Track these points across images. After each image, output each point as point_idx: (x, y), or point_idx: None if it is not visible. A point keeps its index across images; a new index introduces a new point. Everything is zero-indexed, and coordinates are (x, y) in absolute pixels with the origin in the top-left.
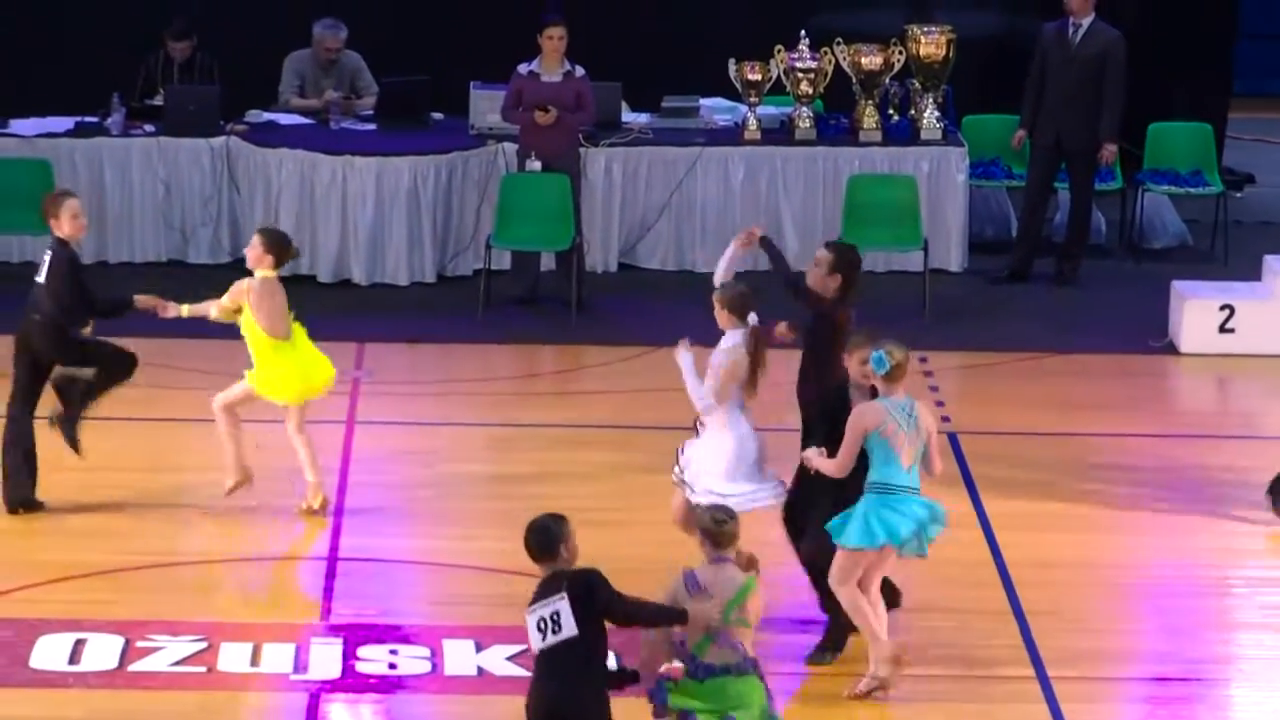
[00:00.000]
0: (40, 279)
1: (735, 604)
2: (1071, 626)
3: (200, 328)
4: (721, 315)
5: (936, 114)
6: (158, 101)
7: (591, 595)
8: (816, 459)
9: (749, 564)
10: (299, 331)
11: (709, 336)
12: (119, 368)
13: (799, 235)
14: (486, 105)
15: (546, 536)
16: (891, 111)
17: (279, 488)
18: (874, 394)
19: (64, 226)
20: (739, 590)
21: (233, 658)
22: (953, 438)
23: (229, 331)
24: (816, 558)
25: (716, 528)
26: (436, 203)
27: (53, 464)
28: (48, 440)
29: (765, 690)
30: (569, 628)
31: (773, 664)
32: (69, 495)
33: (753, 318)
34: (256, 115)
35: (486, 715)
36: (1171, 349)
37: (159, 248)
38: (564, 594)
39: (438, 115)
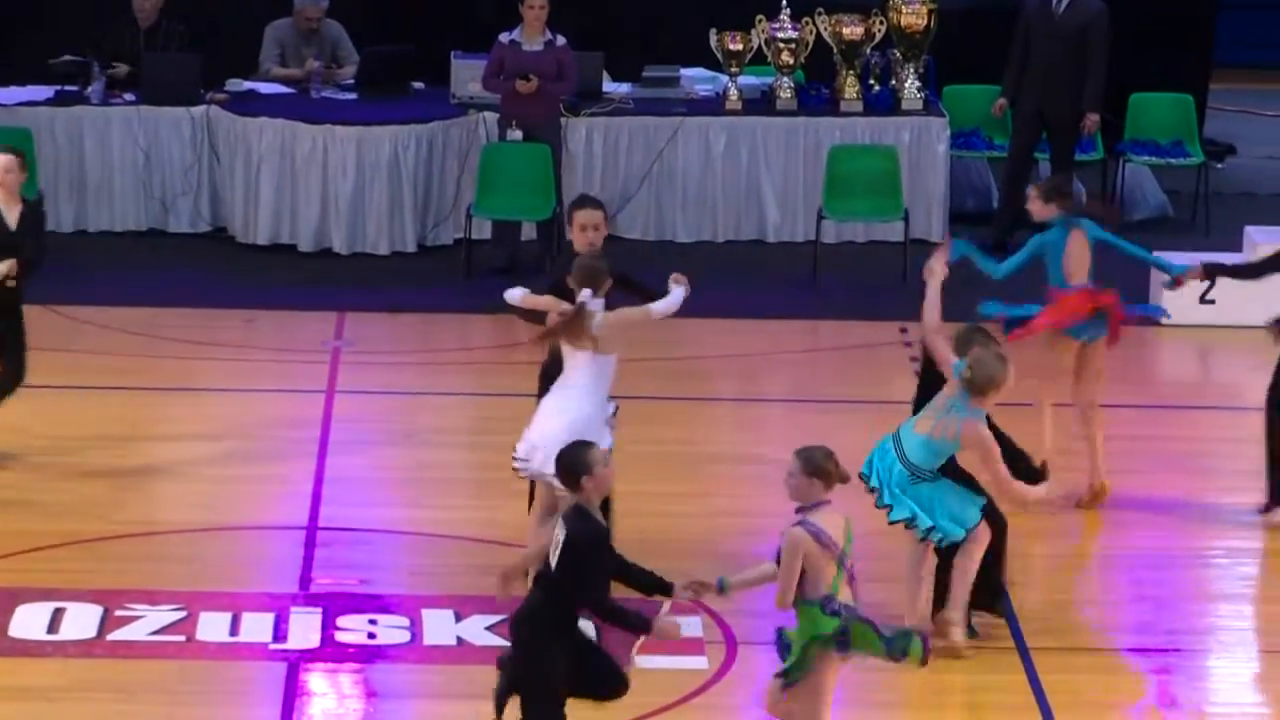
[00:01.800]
0: None
1: (849, 540)
2: (1051, 598)
3: (182, 297)
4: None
5: (918, 84)
6: (114, 70)
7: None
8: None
9: None
10: None
11: (690, 306)
12: (8, 377)
13: (779, 205)
14: (467, 74)
15: (569, 464)
16: (873, 81)
17: (259, 457)
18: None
19: None
20: (846, 527)
21: (212, 627)
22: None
23: (210, 300)
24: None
25: (837, 469)
26: (417, 172)
27: (32, 433)
28: (25, 409)
29: None
30: (552, 564)
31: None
32: (47, 464)
33: (585, 294)
34: (237, 84)
35: (465, 685)
36: (1152, 320)
37: (139, 217)
38: (564, 529)
39: (419, 84)
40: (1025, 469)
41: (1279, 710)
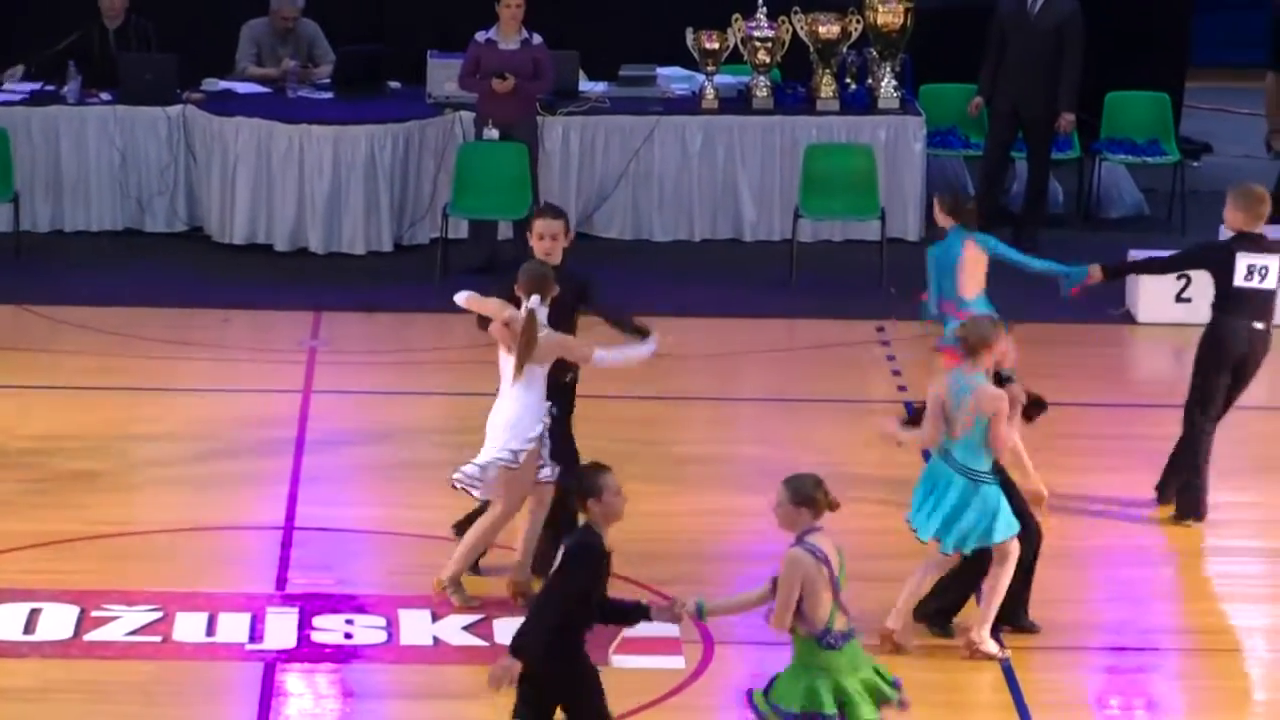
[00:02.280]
0: None
1: (842, 569)
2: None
3: (159, 297)
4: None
5: (894, 83)
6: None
7: (561, 565)
8: None
9: None
10: None
11: (667, 304)
12: None
13: (756, 204)
14: (444, 74)
15: (579, 485)
16: (849, 80)
17: (235, 457)
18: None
19: None
20: (839, 555)
21: (188, 627)
22: (909, 407)
23: (186, 300)
24: None
25: (826, 497)
26: (394, 171)
27: (8, 433)
28: (1, 409)
29: None
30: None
31: None
32: (24, 463)
33: (534, 300)
34: (213, 84)
35: (442, 685)
36: (1128, 318)
37: (115, 216)
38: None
39: (395, 84)
40: None
41: (1251, 706)
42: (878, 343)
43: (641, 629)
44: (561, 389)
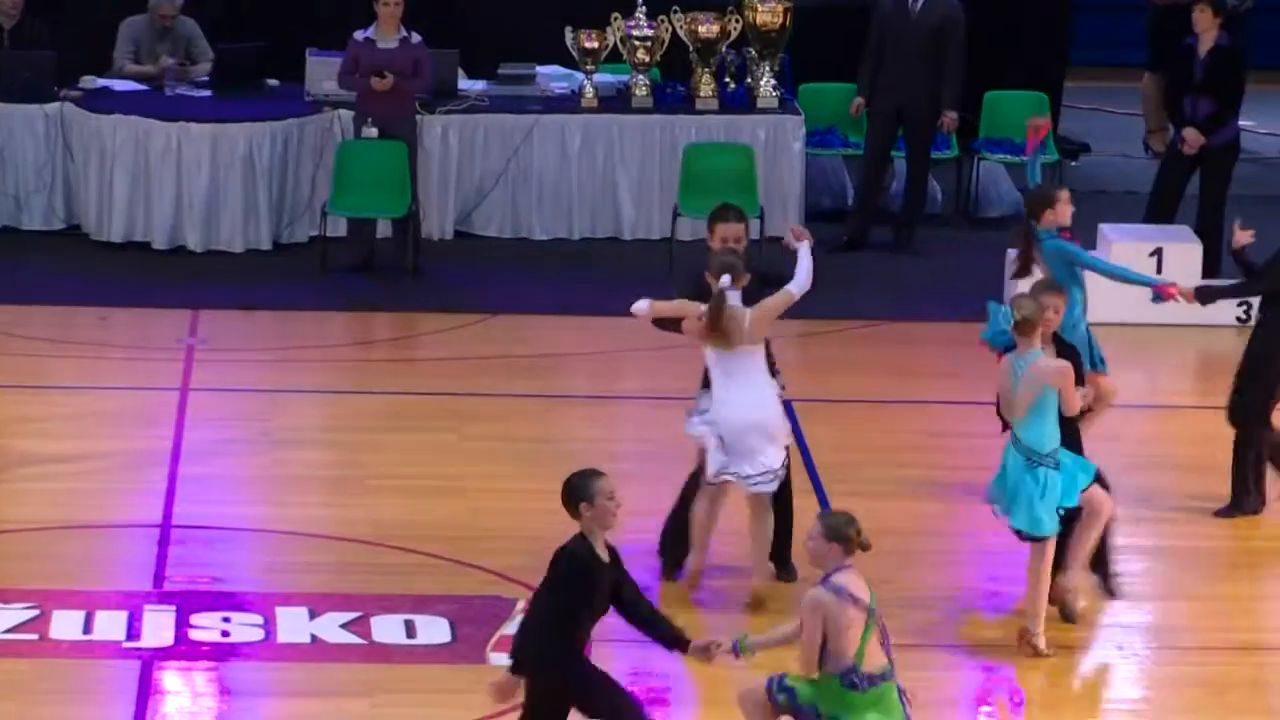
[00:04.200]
0: None
1: (875, 602)
2: (902, 596)
3: (36, 295)
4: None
5: (773, 82)
6: None
7: (549, 574)
8: None
9: None
10: None
11: (547, 303)
12: None
13: (635, 203)
14: (323, 72)
15: (568, 491)
16: (728, 80)
17: (113, 455)
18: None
19: None
20: (870, 591)
21: (65, 625)
22: (788, 405)
23: (64, 298)
24: None
25: (858, 536)
26: (272, 169)
27: None
28: None
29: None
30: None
31: None
32: None
33: (724, 279)
34: (91, 81)
35: (319, 683)
36: None
37: None
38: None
39: (273, 82)
40: None
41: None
42: None
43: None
44: None
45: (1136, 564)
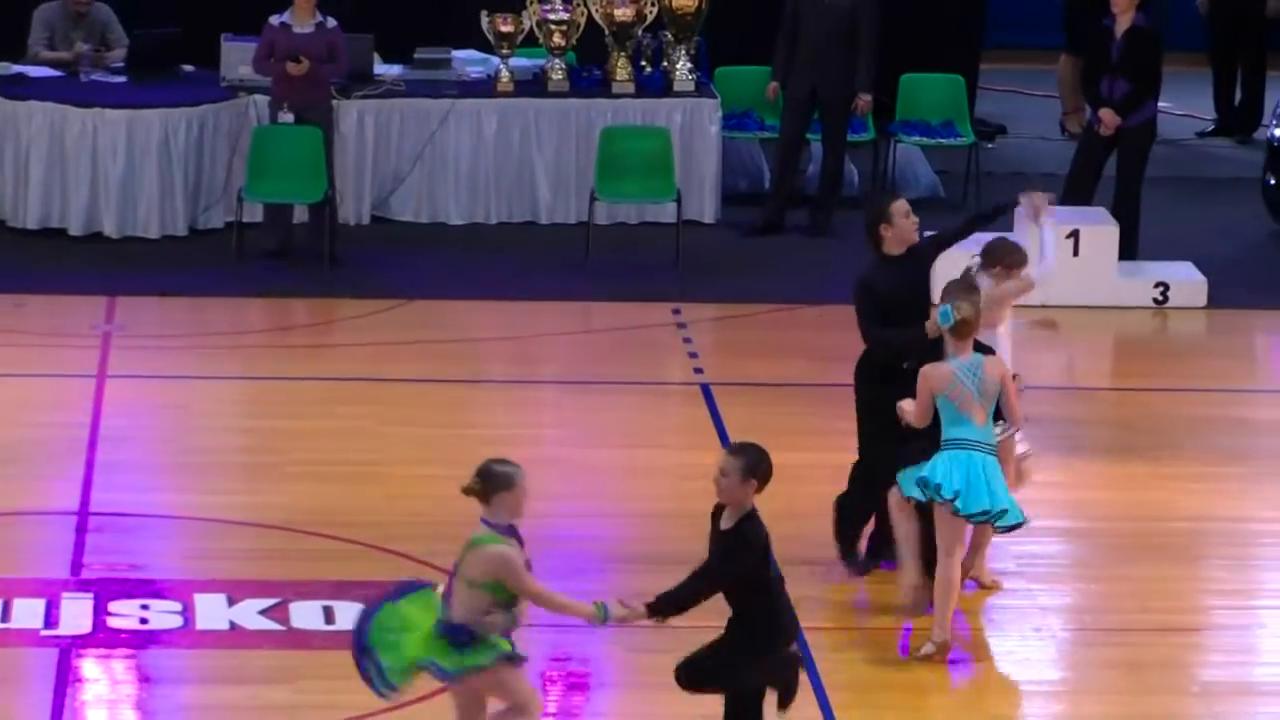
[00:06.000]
0: None
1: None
2: (819, 579)
3: None
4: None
5: (689, 66)
6: None
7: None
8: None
9: None
10: None
11: (463, 288)
12: None
13: (552, 187)
14: (238, 57)
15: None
16: (644, 63)
17: (29, 443)
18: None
19: None
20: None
21: None
22: (705, 389)
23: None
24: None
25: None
26: (188, 155)
27: None
28: None
29: None
30: None
31: None
32: None
33: (974, 261)
34: (5, 67)
35: (239, 669)
36: None
37: None
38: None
39: (188, 67)
40: None
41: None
42: (674, 325)
43: None
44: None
45: (1054, 546)
